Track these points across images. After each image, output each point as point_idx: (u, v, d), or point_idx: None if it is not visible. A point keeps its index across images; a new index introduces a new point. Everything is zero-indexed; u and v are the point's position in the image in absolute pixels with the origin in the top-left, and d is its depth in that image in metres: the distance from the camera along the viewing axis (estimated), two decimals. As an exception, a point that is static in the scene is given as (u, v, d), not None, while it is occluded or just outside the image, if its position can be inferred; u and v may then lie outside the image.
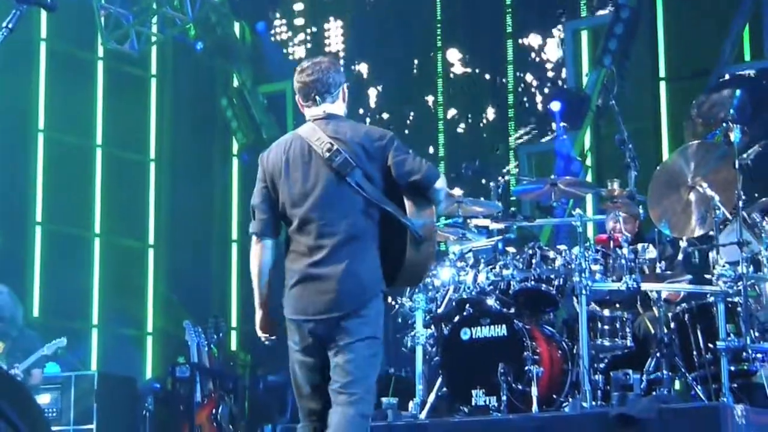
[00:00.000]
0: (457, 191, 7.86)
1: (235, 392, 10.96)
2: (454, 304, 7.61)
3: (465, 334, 7.30)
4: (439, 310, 7.64)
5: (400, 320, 7.98)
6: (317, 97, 5.11)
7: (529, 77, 13.57)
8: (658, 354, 7.02)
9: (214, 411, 10.18)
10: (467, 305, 7.50)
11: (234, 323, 13.98)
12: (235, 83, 14.36)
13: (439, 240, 8.00)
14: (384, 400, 7.28)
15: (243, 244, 13.65)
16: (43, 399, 9.61)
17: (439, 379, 7.41)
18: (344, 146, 4.97)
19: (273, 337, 5.19)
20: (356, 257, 4.94)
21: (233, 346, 13.70)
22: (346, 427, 4.85)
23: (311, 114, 5.14)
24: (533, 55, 13.53)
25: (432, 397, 7.36)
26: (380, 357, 5.08)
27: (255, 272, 5.13)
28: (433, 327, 7.62)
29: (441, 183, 5.05)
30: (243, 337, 13.85)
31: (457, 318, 7.42)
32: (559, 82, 13.22)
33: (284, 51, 14.49)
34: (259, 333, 5.18)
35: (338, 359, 4.93)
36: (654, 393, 6.80)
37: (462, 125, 13.83)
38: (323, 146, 4.97)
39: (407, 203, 4.99)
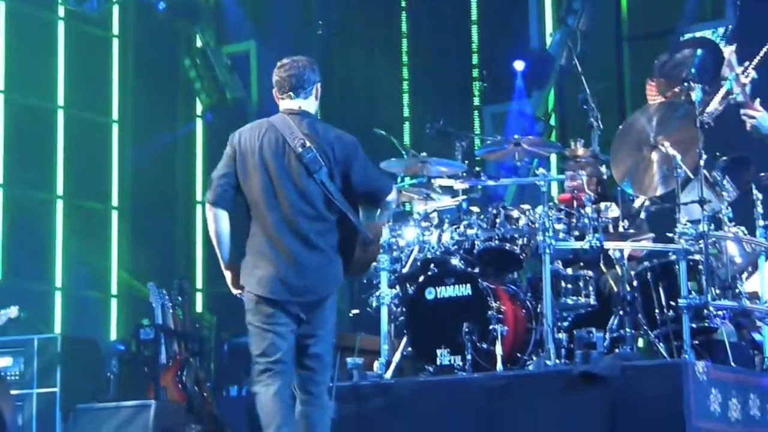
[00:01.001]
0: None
1: (201, 354, 10.93)
2: (418, 263, 7.61)
3: (430, 293, 7.33)
4: (404, 270, 7.64)
5: (365, 280, 7.98)
6: (291, 92, 5.48)
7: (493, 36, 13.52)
8: (621, 312, 7.07)
9: (179, 373, 10.14)
10: (432, 265, 7.50)
11: (199, 285, 13.95)
12: (198, 43, 14.22)
13: (404, 200, 8.01)
14: (349, 360, 7.27)
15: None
16: (5, 362, 9.56)
17: (404, 339, 7.43)
18: (315, 144, 5.35)
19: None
20: (327, 246, 5.37)
21: (199, 308, 13.67)
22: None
23: (285, 107, 5.50)
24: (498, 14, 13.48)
25: (397, 356, 7.38)
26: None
27: (215, 239, 5.47)
28: (397, 287, 7.62)
29: (392, 196, 5.55)
30: (208, 298, 13.82)
31: (421, 278, 7.43)
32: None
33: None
34: (234, 291, 5.50)
35: (311, 349, 5.39)
36: (617, 351, 6.86)
37: (426, 85, 13.77)
38: (297, 141, 5.34)
39: (360, 208, 5.44)
